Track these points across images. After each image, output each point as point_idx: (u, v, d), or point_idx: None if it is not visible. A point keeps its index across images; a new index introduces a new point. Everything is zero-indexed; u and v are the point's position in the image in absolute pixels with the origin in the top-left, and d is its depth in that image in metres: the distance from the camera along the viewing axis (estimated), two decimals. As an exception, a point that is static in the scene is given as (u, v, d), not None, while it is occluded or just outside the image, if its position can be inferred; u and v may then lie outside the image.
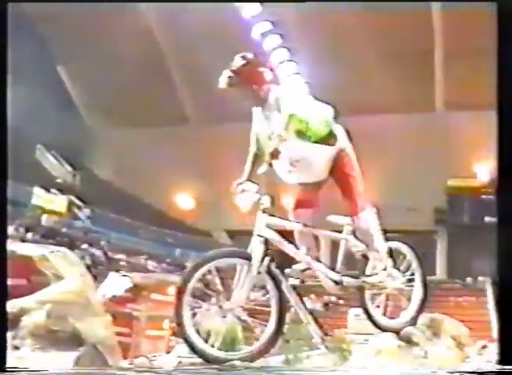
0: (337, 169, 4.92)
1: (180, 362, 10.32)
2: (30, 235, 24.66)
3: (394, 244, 5.36)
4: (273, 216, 4.77)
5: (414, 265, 5.39)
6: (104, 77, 34.93)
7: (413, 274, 5.35)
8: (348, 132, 5.09)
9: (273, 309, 4.60)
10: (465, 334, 5.20)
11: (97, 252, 26.94)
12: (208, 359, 4.39)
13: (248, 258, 4.57)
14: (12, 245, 8.30)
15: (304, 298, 5.28)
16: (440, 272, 35.99)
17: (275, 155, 4.67)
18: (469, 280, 34.28)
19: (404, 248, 5.44)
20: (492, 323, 23.65)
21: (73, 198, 31.22)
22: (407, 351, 4.97)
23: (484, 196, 36.16)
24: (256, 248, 4.59)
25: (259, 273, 4.53)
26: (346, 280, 4.92)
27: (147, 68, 34.24)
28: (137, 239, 32.66)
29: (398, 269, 5.25)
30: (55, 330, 4.51)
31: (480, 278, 34.00)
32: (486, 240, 28.85)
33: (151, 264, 29.75)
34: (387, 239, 5.26)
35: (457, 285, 33.91)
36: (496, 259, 4.15)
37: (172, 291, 10.93)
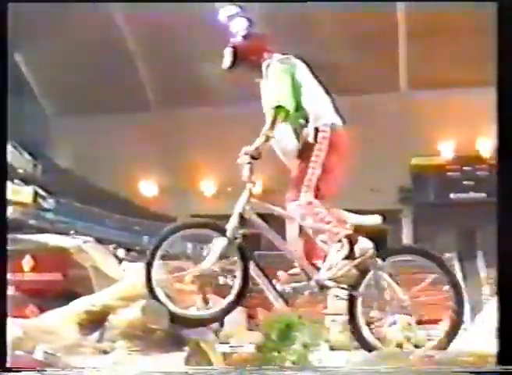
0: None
1: None
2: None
3: (407, 257, 4.81)
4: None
5: (447, 285, 4.65)
6: (63, 63, 34.13)
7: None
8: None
9: (238, 278, 4.65)
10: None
11: (68, 243, 26.41)
12: (177, 319, 4.49)
13: (221, 230, 4.63)
14: (41, 236, 7.92)
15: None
16: (406, 250, 36.28)
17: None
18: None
19: (423, 262, 4.73)
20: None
21: (37, 189, 30.53)
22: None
23: (449, 173, 36.70)
24: (232, 224, 4.61)
25: (229, 246, 4.58)
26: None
27: (108, 53, 33.54)
28: (104, 228, 32.10)
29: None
30: (153, 328, 4.22)
31: (447, 254, 34.51)
32: (452, 216, 29.35)
33: (120, 252, 29.30)
34: (399, 251, 4.95)
35: (424, 262, 34.30)
36: (496, 259, 4.06)
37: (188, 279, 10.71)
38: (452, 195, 36.36)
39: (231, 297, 4.67)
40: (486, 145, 35.86)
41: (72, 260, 7.04)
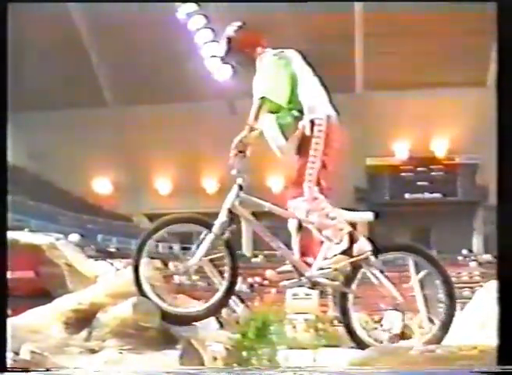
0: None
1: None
2: None
3: (398, 255, 4.80)
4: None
5: (437, 281, 4.63)
6: (16, 58, 33.49)
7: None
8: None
9: (226, 275, 4.56)
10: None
11: (21, 241, 25.91)
12: (166, 317, 4.41)
13: (206, 225, 4.54)
14: (12, 234, 7.66)
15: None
16: (361, 249, 36.66)
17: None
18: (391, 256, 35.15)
19: (415, 259, 4.71)
20: (416, 297, 24.32)
21: (-11, 186, 29.88)
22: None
23: (403, 174, 37.17)
24: (220, 220, 4.50)
25: (216, 241, 4.50)
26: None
27: (64, 49, 33.03)
28: (58, 226, 31.63)
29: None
30: (145, 326, 4.12)
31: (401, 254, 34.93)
32: (407, 216, 29.68)
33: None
34: (391, 248, 4.88)
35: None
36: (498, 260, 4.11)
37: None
38: (407, 195, 36.86)
39: (219, 294, 4.57)
40: (440, 146, 36.44)
41: (45, 257, 6.84)
